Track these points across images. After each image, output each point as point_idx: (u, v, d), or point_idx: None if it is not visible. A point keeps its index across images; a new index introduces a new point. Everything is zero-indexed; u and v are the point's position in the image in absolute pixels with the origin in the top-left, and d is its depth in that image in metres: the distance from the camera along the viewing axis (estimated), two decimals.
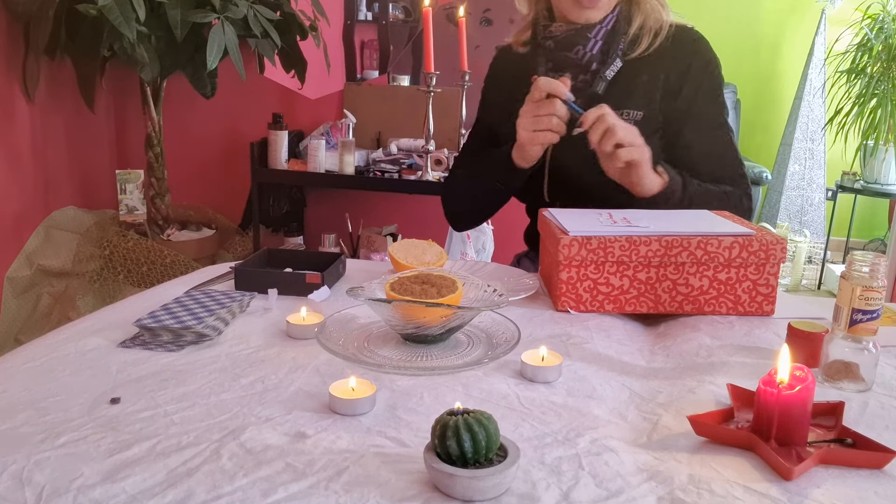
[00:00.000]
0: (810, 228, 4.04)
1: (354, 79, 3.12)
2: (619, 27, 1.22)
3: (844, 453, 0.62)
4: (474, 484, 0.54)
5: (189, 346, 0.85)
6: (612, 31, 1.22)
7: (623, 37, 1.22)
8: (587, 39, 1.22)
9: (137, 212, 2.77)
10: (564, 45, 1.24)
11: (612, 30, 1.22)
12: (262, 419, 0.67)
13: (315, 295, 1.02)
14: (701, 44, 1.25)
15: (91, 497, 0.54)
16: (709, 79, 1.24)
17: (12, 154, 2.46)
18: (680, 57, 1.23)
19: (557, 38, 1.24)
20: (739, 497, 0.56)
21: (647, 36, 1.22)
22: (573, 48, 1.23)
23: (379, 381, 0.74)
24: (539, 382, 0.77)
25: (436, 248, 1.14)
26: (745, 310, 0.99)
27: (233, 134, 3.14)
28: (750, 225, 1.04)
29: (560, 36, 1.24)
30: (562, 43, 1.24)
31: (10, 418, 0.66)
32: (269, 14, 2.39)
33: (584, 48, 1.23)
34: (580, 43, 1.22)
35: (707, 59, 1.25)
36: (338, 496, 0.55)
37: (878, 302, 0.77)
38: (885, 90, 3.51)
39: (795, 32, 4.07)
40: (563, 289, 0.99)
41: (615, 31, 1.22)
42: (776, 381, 0.63)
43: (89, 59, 2.50)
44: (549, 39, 1.25)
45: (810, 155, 4.02)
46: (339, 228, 3.02)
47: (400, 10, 3.13)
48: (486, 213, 1.43)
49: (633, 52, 1.22)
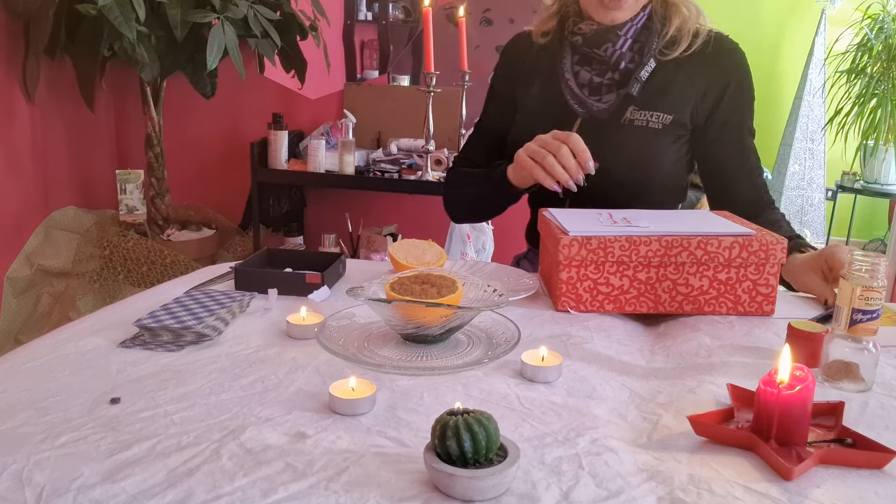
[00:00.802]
0: (810, 228, 4.04)
1: (354, 79, 3.12)
2: (654, 26, 1.20)
3: (844, 453, 0.62)
4: (474, 484, 0.54)
5: (189, 346, 0.85)
6: (643, 29, 1.21)
7: (658, 36, 1.20)
8: (617, 37, 1.20)
9: (137, 212, 2.77)
10: (593, 42, 1.22)
11: (645, 28, 1.21)
12: (262, 419, 0.67)
13: (315, 295, 1.02)
14: (740, 56, 1.24)
15: (91, 497, 0.54)
16: (747, 95, 1.25)
17: (12, 154, 2.46)
18: (720, 68, 1.22)
19: (586, 35, 1.22)
20: (739, 497, 0.56)
21: (686, 38, 1.20)
22: (602, 45, 1.21)
23: (379, 381, 0.74)
24: (539, 382, 0.77)
25: (436, 248, 1.14)
26: (745, 310, 0.99)
27: (233, 134, 3.14)
28: (750, 225, 1.04)
29: (589, 33, 1.22)
30: (590, 39, 1.22)
31: (10, 418, 0.66)
32: (269, 14, 2.39)
33: (614, 46, 1.21)
34: (610, 40, 1.20)
35: (746, 73, 1.24)
36: (338, 496, 0.55)
37: (878, 302, 0.77)
38: (885, 90, 3.52)
39: (795, 32, 4.07)
40: (563, 289, 0.99)
41: (649, 29, 1.21)
42: (776, 381, 0.63)
43: (89, 59, 2.50)
44: (577, 35, 1.24)
45: (810, 155, 4.02)
46: (339, 228, 3.02)
47: (400, 10, 3.13)
48: (491, 216, 1.42)
49: (670, 54, 1.20)
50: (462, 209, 1.44)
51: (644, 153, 1.20)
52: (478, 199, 1.34)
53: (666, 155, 1.22)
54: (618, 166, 1.18)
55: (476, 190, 1.32)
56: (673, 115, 1.20)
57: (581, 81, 1.25)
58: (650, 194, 1.23)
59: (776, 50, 4.11)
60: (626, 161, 1.20)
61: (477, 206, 1.39)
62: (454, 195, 1.42)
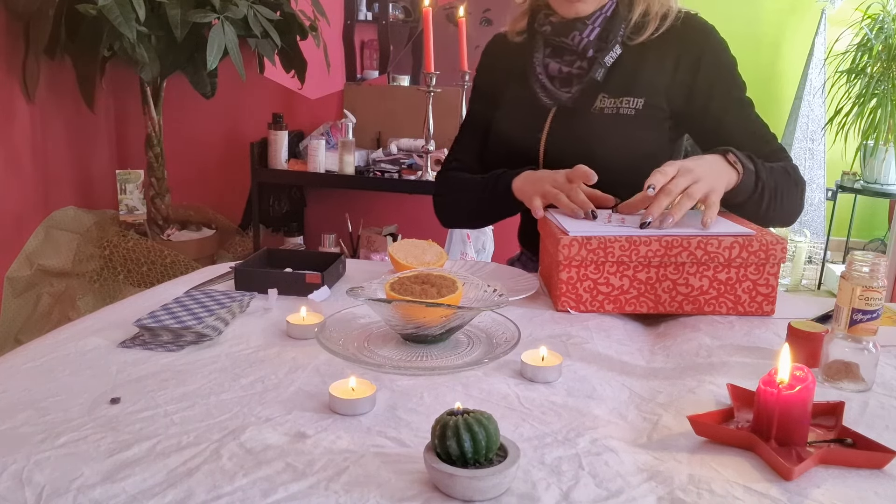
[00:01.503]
0: (810, 228, 4.04)
1: (354, 79, 3.12)
2: (620, 13, 1.20)
3: (844, 453, 0.62)
4: (474, 484, 0.54)
5: (189, 346, 0.85)
6: (611, 17, 1.20)
7: (624, 23, 1.20)
8: (584, 26, 1.20)
9: (137, 212, 2.77)
10: (561, 31, 1.22)
11: (612, 16, 1.20)
12: (262, 419, 0.67)
13: (315, 295, 1.02)
14: (709, 29, 1.22)
15: (91, 497, 0.54)
16: (725, 61, 1.21)
17: (12, 154, 2.46)
18: (689, 43, 1.20)
19: (554, 24, 1.22)
20: (739, 497, 0.56)
21: (654, 21, 1.19)
22: (570, 34, 1.21)
23: (379, 381, 0.74)
24: (539, 382, 0.77)
25: (436, 248, 1.14)
26: (745, 310, 0.99)
27: (233, 134, 3.14)
28: (750, 225, 1.04)
29: (557, 22, 1.22)
30: (558, 28, 1.22)
31: (10, 418, 0.66)
32: (269, 14, 2.39)
33: (581, 34, 1.20)
34: (577, 29, 1.20)
35: (718, 43, 1.21)
36: (338, 496, 0.55)
37: (878, 302, 0.77)
38: (885, 90, 3.51)
39: (795, 32, 4.07)
40: (563, 289, 0.99)
41: (615, 17, 1.20)
42: (776, 381, 0.63)
43: (89, 59, 2.50)
44: (545, 25, 1.24)
45: (810, 155, 4.02)
46: (339, 228, 3.02)
47: (400, 10, 3.13)
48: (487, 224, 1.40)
49: (637, 38, 1.19)
50: (459, 216, 1.41)
51: (618, 141, 1.19)
52: (476, 207, 1.32)
53: (644, 140, 1.20)
54: (595, 155, 1.16)
55: (474, 197, 1.30)
56: (644, 98, 1.18)
57: (551, 73, 1.25)
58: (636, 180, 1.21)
59: (776, 50, 4.11)
60: (603, 149, 1.18)
61: (475, 214, 1.36)
62: (450, 202, 1.38)
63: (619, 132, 1.18)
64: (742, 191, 1.06)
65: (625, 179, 1.14)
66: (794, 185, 1.15)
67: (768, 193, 1.09)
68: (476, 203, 1.30)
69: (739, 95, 1.22)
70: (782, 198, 1.12)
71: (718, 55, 1.21)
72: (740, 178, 1.05)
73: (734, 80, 1.22)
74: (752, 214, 1.11)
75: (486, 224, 1.40)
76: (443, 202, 1.39)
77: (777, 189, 1.11)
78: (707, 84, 1.19)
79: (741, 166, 1.05)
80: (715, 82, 1.19)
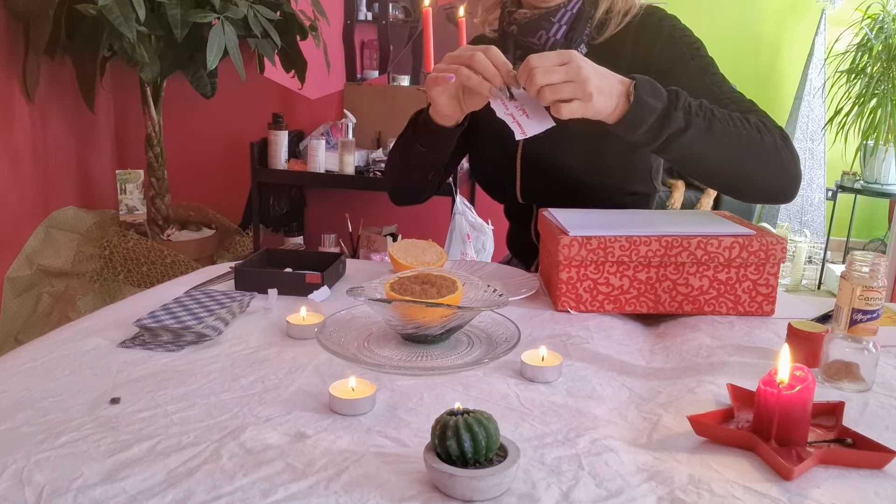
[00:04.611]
0: (810, 228, 4.04)
1: (354, 79, 3.12)
2: (585, 11, 1.18)
3: (844, 453, 0.62)
4: (474, 484, 0.54)
5: (189, 346, 0.85)
6: (577, 15, 1.18)
7: (589, 21, 1.18)
8: (551, 24, 1.18)
9: (137, 212, 2.77)
10: (528, 31, 1.19)
11: (578, 14, 1.18)
12: (262, 419, 0.67)
13: (315, 295, 1.02)
14: (667, 17, 1.19)
15: (91, 497, 0.54)
16: (678, 34, 1.16)
17: (12, 154, 2.46)
18: (646, 33, 1.17)
19: (521, 24, 1.20)
20: (739, 497, 0.56)
21: (616, 18, 1.17)
22: (536, 33, 1.19)
23: (379, 381, 0.74)
24: (539, 382, 0.77)
25: (436, 248, 1.14)
26: (745, 310, 0.99)
27: (233, 134, 3.14)
28: (750, 225, 1.04)
29: (523, 21, 1.20)
30: (525, 28, 1.20)
31: (10, 418, 0.66)
32: (269, 14, 2.39)
33: (548, 33, 1.18)
34: (543, 28, 1.18)
35: (674, 28, 1.17)
36: (338, 496, 0.55)
37: (878, 302, 0.77)
38: (885, 90, 3.51)
39: (795, 32, 4.07)
40: (563, 289, 0.99)
41: (581, 15, 1.18)
42: (776, 381, 0.63)
43: (89, 59, 2.50)
44: (512, 25, 1.21)
45: (810, 155, 4.02)
46: (339, 228, 3.02)
47: (400, 10, 3.13)
48: (422, 185, 1.29)
49: (600, 37, 1.18)
50: (393, 175, 1.33)
51: (588, 141, 1.17)
52: (404, 155, 1.25)
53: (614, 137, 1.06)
54: (568, 155, 1.15)
55: (402, 145, 1.23)
56: None
57: None
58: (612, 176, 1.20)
59: (776, 50, 4.11)
60: (574, 149, 1.17)
61: (407, 166, 1.27)
62: (387, 169, 1.33)
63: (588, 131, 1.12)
64: (633, 121, 0.95)
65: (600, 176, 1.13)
66: (757, 132, 1.01)
67: (694, 133, 0.96)
68: (404, 150, 1.23)
69: (700, 69, 1.14)
70: (728, 143, 0.99)
71: (674, 37, 1.16)
72: (627, 108, 0.94)
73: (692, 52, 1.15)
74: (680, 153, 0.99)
75: (423, 176, 1.27)
76: (389, 176, 1.35)
77: (713, 130, 0.97)
78: (665, 61, 1.14)
79: (634, 97, 0.94)
80: (673, 61, 1.15)
